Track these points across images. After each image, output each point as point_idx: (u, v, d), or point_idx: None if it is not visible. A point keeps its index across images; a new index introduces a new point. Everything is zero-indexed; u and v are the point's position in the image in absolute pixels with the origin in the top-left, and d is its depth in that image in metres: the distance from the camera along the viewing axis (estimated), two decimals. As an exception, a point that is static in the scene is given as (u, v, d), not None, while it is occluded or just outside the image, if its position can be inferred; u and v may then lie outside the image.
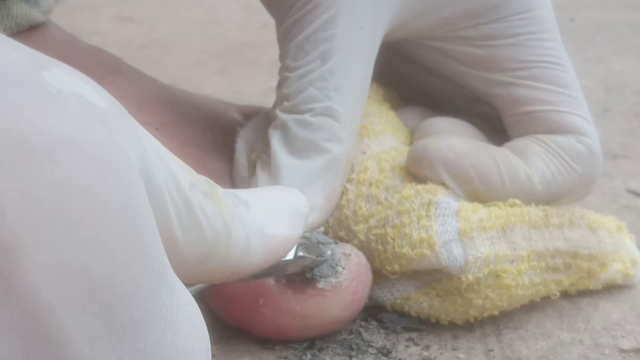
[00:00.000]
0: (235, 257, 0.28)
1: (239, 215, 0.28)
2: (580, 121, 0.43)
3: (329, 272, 0.38)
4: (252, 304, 0.38)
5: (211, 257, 0.27)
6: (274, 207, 0.31)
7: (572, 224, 0.41)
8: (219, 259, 0.27)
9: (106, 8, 1.02)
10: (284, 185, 0.39)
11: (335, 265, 0.38)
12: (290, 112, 0.40)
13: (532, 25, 0.43)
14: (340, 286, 0.38)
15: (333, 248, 0.38)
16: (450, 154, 0.40)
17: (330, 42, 0.40)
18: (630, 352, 0.39)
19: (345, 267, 0.38)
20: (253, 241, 0.29)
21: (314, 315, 0.38)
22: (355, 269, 0.38)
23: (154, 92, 0.46)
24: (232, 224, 0.27)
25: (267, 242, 0.29)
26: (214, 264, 0.27)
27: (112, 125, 0.22)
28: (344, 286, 0.38)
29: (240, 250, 0.28)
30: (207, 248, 0.26)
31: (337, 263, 0.38)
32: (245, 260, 0.28)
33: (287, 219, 0.31)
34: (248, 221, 0.28)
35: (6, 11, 0.44)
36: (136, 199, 0.22)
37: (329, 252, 0.38)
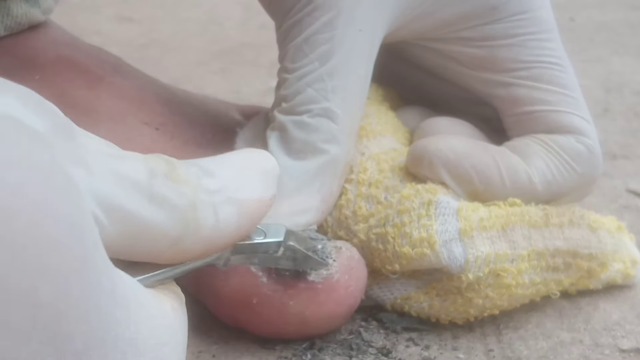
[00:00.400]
0: (207, 231, 0.27)
1: (203, 186, 0.27)
2: (579, 121, 0.43)
3: (319, 265, 0.37)
4: (246, 304, 0.38)
5: (183, 237, 0.26)
6: (242, 170, 0.30)
7: (572, 224, 0.41)
8: (191, 235, 0.27)
9: (106, 8, 1.02)
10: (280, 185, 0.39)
11: (325, 257, 0.38)
12: (288, 113, 0.40)
13: (532, 26, 0.43)
14: (332, 278, 0.38)
15: (324, 243, 0.38)
16: (450, 153, 0.40)
17: (329, 44, 0.40)
18: (630, 352, 0.40)
19: (335, 259, 0.38)
20: (223, 209, 0.28)
21: (309, 310, 0.38)
22: (346, 262, 0.38)
23: (154, 92, 0.46)
24: (196, 198, 0.27)
25: (239, 206, 0.28)
26: (186, 242, 0.27)
27: (52, 148, 0.22)
28: (336, 279, 0.38)
29: (210, 223, 0.27)
30: (176, 230, 0.26)
31: (328, 255, 0.38)
32: (217, 231, 0.28)
33: (256, 180, 0.30)
34: (214, 190, 0.28)
35: (6, 11, 0.44)
36: (79, 220, 0.22)
37: (319, 245, 0.38)
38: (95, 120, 0.43)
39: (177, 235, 0.26)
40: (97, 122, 0.43)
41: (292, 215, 0.39)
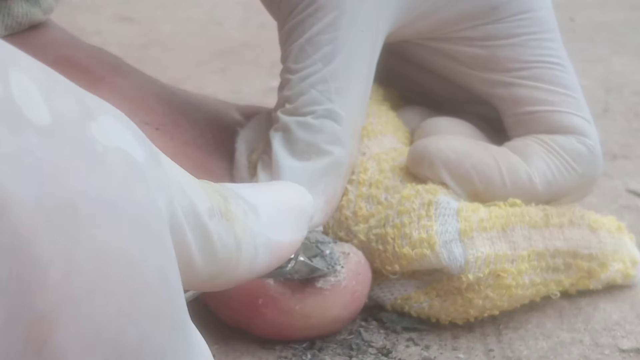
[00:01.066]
0: (243, 270, 0.28)
1: (249, 226, 0.28)
2: (580, 121, 0.43)
3: (327, 271, 0.38)
4: (251, 304, 0.38)
5: (222, 273, 0.27)
6: (281, 209, 0.30)
7: (572, 224, 0.41)
8: (229, 273, 0.27)
9: (106, 8, 1.02)
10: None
11: (334, 264, 0.38)
12: (291, 114, 0.40)
13: (533, 26, 0.43)
14: (340, 285, 0.38)
15: (332, 247, 0.38)
16: (450, 154, 0.40)
17: (332, 44, 0.40)
18: (630, 352, 0.40)
19: (344, 266, 0.38)
20: (260, 250, 0.29)
21: (314, 315, 0.38)
22: (354, 267, 0.38)
23: (154, 92, 0.46)
24: (243, 238, 0.27)
25: (273, 248, 0.29)
26: (223, 278, 0.27)
27: (149, 180, 0.22)
28: (343, 285, 0.38)
29: (248, 263, 0.28)
30: (219, 267, 0.27)
31: (336, 262, 0.38)
32: (251, 270, 0.28)
33: (293, 222, 0.31)
34: (257, 231, 0.28)
35: (7, 10, 0.44)
36: (168, 260, 0.22)
37: (327, 251, 0.38)
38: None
39: (217, 271, 0.27)
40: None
41: None
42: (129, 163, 0.22)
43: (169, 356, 0.22)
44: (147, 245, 0.21)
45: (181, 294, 0.23)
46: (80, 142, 0.21)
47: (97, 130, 0.21)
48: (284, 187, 0.33)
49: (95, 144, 0.21)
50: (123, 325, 0.21)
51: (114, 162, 0.21)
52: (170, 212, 0.24)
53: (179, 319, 0.23)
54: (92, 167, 0.21)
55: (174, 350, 0.22)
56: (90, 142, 0.21)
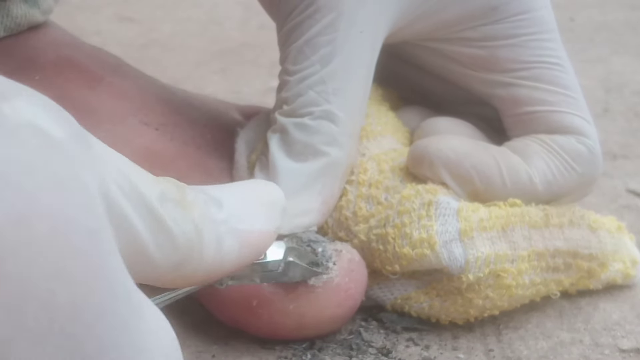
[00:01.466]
0: (209, 259, 0.28)
1: (210, 215, 0.28)
2: (580, 121, 0.43)
3: (320, 269, 0.38)
4: (246, 306, 0.38)
5: (185, 263, 0.27)
6: (248, 201, 0.30)
7: (572, 224, 0.41)
8: (193, 263, 0.27)
9: (106, 8, 1.02)
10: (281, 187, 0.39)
11: (325, 261, 0.38)
12: (289, 115, 0.40)
13: (532, 26, 0.43)
14: (332, 282, 0.38)
15: (324, 245, 0.38)
16: (450, 153, 0.40)
17: (331, 46, 0.40)
18: (630, 352, 0.40)
19: (336, 263, 0.38)
20: (226, 240, 0.28)
21: (309, 313, 0.38)
22: (346, 265, 0.38)
23: (154, 92, 0.46)
24: (203, 227, 0.27)
25: (242, 238, 0.29)
26: (188, 269, 0.27)
27: (70, 156, 0.22)
28: (336, 282, 0.38)
29: (213, 252, 0.28)
30: (180, 255, 0.26)
31: (328, 259, 0.38)
32: (219, 260, 0.28)
33: (261, 212, 0.30)
34: (219, 220, 0.28)
35: (6, 11, 0.44)
36: (97, 226, 0.22)
37: (319, 249, 0.38)
38: (96, 120, 0.43)
39: (178, 260, 0.26)
40: (97, 122, 0.43)
41: (293, 217, 0.39)
42: (43, 137, 0.22)
43: (111, 317, 0.22)
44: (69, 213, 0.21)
45: (119, 262, 0.23)
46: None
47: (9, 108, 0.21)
48: (251, 182, 0.32)
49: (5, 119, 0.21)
50: (52, 285, 0.20)
51: (27, 135, 0.21)
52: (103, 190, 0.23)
53: (117, 281, 0.22)
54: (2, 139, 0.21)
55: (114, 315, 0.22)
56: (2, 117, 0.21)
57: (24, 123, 0.21)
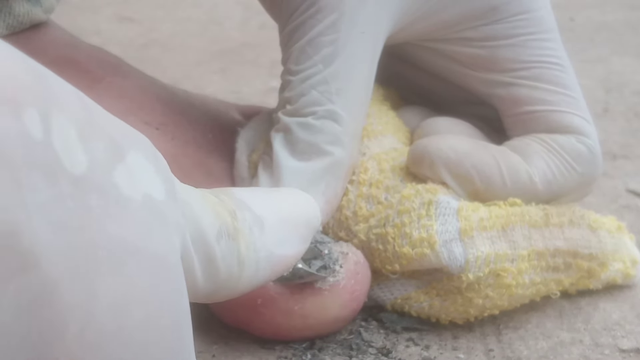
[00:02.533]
0: (243, 286, 0.28)
1: (253, 242, 0.28)
2: (580, 121, 0.43)
3: (326, 272, 0.38)
4: (250, 305, 0.38)
5: (220, 290, 0.27)
6: (287, 221, 0.31)
7: (573, 224, 0.41)
8: (228, 290, 0.28)
9: (106, 8, 1.02)
10: (285, 186, 0.39)
11: (332, 264, 0.38)
12: (292, 115, 0.40)
13: (532, 26, 0.43)
14: (338, 285, 0.38)
15: (330, 247, 0.38)
16: (451, 153, 0.40)
17: (333, 46, 0.40)
18: (630, 352, 0.40)
19: (342, 265, 0.38)
20: (262, 266, 0.29)
21: (313, 315, 0.38)
22: (353, 267, 0.39)
23: (154, 92, 0.46)
24: (246, 257, 0.28)
25: (275, 263, 0.29)
26: (221, 294, 0.28)
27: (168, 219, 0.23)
28: (342, 285, 0.38)
29: (249, 279, 0.28)
30: (219, 284, 0.27)
31: (335, 262, 0.38)
32: (250, 284, 0.29)
33: (298, 235, 0.31)
34: (260, 246, 0.29)
35: (8, 10, 0.44)
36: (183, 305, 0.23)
37: (326, 251, 0.38)
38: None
39: (219, 287, 0.27)
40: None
41: None
42: (151, 208, 0.22)
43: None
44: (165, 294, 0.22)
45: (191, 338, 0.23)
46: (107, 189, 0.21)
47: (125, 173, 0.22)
48: (292, 196, 0.33)
49: (120, 189, 0.21)
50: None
51: (137, 208, 0.21)
52: (183, 245, 0.24)
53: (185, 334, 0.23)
54: (116, 215, 0.21)
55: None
56: (116, 188, 0.21)
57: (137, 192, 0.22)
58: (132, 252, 0.21)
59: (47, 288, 0.19)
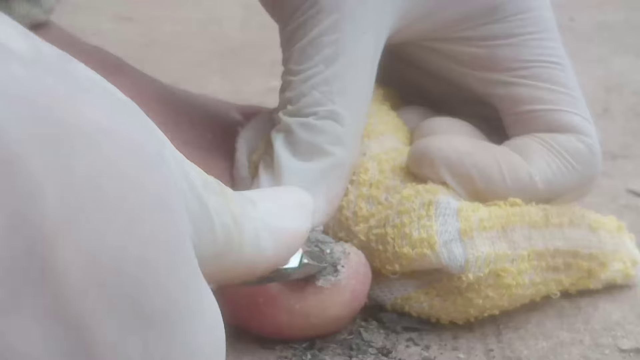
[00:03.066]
0: (248, 252, 0.28)
1: (246, 212, 0.28)
2: (579, 120, 0.43)
3: (328, 270, 0.38)
4: (252, 304, 0.38)
5: (225, 254, 0.27)
6: (280, 203, 0.31)
7: (573, 224, 0.41)
8: (233, 255, 0.27)
9: (106, 8, 1.02)
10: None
11: (334, 263, 0.38)
12: (293, 115, 0.40)
13: (531, 26, 0.43)
14: (340, 284, 0.38)
15: (332, 247, 0.38)
16: (451, 153, 0.40)
17: (334, 46, 0.40)
18: (630, 352, 0.40)
19: (344, 265, 0.38)
20: (262, 235, 0.29)
21: (314, 314, 0.38)
22: (354, 267, 0.39)
23: (154, 92, 0.46)
24: (242, 220, 0.27)
25: (277, 235, 0.29)
26: (228, 261, 0.27)
27: (142, 121, 0.23)
28: (343, 284, 0.38)
29: (251, 246, 0.28)
30: (219, 245, 0.27)
31: (337, 262, 0.38)
32: (258, 254, 0.29)
33: (293, 213, 0.31)
34: (255, 216, 0.29)
35: (8, 10, 0.44)
36: (169, 187, 0.23)
37: (328, 250, 0.38)
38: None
39: (218, 251, 0.27)
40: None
41: None
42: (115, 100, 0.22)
43: (173, 279, 0.22)
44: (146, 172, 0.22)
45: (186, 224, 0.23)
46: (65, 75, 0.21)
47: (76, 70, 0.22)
48: (281, 188, 0.33)
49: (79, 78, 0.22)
50: (123, 244, 0.21)
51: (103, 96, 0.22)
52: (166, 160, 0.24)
53: (181, 248, 0.23)
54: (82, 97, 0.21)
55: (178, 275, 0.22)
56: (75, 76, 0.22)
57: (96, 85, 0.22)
58: (108, 134, 0.21)
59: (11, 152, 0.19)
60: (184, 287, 0.23)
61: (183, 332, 0.23)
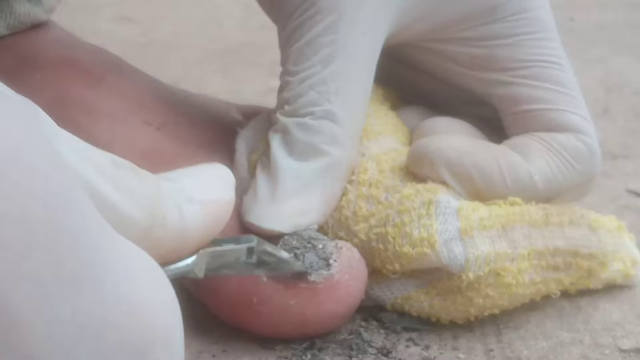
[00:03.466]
0: (174, 224, 0.28)
1: (162, 185, 0.28)
2: (579, 120, 0.43)
3: (320, 265, 0.38)
4: (246, 304, 0.38)
5: (152, 228, 0.27)
6: (198, 177, 0.31)
7: (573, 223, 0.41)
8: (160, 228, 0.27)
9: (106, 8, 1.02)
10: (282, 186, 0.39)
11: (326, 257, 0.38)
12: (290, 115, 0.40)
13: (530, 26, 0.43)
14: (333, 279, 0.38)
15: (325, 243, 0.38)
16: (451, 152, 0.40)
17: (332, 47, 0.40)
18: (630, 352, 0.40)
19: (337, 260, 0.38)
20: (185, 208, 0.29)
21: (309, 309, 0.38)
22: (347, 261, 0.39)
23: (154, 92, 0.46)
24: (161, 193, 0.28)
25: (202, 206, 0.29)
26: (156, 235, 0.27)
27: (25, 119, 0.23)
28: (336, 279, 0.38)
29: (176, 217, 0.28)
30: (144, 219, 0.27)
31: (329, 256, 0.38)
32: (185, 226, 0.28)
33: (213, 184, 0.31)
34: (175, 190, 0.29)
35: (9, 10, 0.44)
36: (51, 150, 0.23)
37: (320, 245, 0.38)
38: (96, 120, 0.43)
39: (146, 225, 0.27)
40: (97, 121, 0.43)
41: (294, 216, 0.39)
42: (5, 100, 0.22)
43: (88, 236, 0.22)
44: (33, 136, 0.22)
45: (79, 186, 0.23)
46: None
47: None
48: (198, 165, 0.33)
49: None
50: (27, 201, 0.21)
51: None
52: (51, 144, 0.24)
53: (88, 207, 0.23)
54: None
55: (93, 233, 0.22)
56: None
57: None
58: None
59: None
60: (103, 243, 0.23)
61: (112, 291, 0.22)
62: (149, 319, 0.23)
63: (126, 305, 0.23)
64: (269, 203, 0.39)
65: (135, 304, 0.23)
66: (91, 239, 0.22)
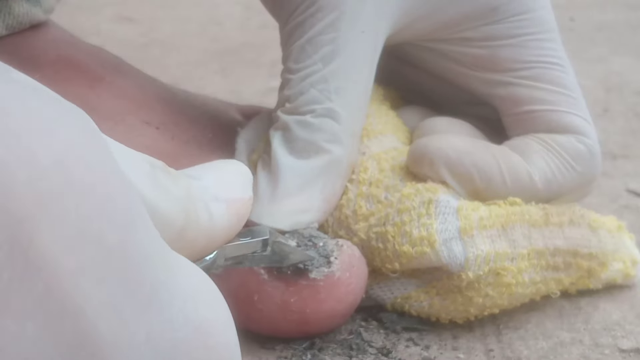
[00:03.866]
0: (205, 223, 0.28)
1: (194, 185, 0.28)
2: (579, 121, 0.43)
3: (320, 262, 0.38)
4: (247, 301, 0.38)
5: (186, 228, 0.27)
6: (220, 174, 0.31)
7: (572, 223, 0.41)
8: (193, 228, 0.27)
9: (106, 8, 1.02)
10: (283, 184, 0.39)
11: (327, 255, 0.38)
12: (291, 113, 0.40)
13: (532, 26, 0.43)
14: (333, 276, 0.38)
15: (325, 241, 0.38)
16: (451, 152, 0.40)
17: (332, 45, 0.40)
18: (630, 352, 0.40)
19: (337, 257, 0.38)
20: (213, 206, 0.29)
21: (310, 307, 0.38)
22: (348, 259, 0.39)
23: (154, 92, 0.46)
24: (191, 193, 0.28)
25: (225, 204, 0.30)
26: (190, 234, 0.27)
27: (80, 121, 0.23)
28: (337, 276, 0.38)
29: (206, 217, 0.28)
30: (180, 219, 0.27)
31: (329, 254, 0.38)
32: (214, 225, 0.29)
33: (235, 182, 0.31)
34: (203, 189, 0.29)
35: (8, 10, 0.44)
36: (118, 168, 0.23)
37: (320, 243, 0.38)
38: (96, 119, 0.43)
39: (181, 225, 0.27)
40: (97, 121, 0.43)
41: (294, 214, 0.39)
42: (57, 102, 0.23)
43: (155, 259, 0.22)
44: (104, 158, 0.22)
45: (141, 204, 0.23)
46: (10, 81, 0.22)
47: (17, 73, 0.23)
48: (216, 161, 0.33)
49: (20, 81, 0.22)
50: (102, 224, 0.21)
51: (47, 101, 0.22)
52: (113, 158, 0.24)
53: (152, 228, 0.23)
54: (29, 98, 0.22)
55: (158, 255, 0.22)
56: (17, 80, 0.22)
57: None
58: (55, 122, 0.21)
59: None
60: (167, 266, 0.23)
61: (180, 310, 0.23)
62: (212, 339, 0.24)
63: (192, 327, 0.23)
64: (269, 201, 0.39)
65: (199, 325, 0.23)
66: (158, 259, 0.22)
